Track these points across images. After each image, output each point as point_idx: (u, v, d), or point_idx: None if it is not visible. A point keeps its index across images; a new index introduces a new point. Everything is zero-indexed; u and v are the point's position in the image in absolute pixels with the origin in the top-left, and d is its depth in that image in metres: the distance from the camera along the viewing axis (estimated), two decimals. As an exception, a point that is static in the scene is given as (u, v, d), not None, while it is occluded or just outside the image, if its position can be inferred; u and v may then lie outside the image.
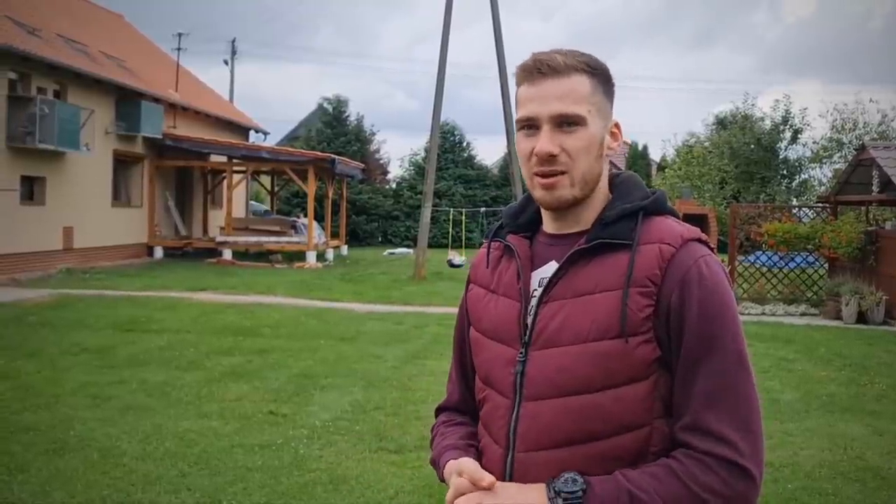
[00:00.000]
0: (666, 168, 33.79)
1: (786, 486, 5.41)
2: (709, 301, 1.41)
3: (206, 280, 18.22)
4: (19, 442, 5.94)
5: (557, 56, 1.49)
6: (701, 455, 1.36)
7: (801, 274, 16.04)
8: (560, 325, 1.46)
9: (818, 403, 7.85)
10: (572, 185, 1.49)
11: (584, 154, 1.49)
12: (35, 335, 10.57)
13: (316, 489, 5.17)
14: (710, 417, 1.37)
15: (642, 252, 1.45)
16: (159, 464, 5.55)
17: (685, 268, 1.43)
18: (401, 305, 14.99)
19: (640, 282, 1.43)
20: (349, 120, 37.74)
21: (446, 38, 20.47)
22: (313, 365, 9.14)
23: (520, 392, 1.49)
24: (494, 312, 1.59)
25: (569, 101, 1.47)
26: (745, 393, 1.41)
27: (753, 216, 16.53)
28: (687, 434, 1.38)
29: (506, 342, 1.54)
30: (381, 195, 37.04)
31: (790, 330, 12.75)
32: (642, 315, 1.41)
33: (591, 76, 1.50)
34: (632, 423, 1.42)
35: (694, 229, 1.50)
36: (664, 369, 1.43)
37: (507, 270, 1.60)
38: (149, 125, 22.98)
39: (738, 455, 1.36)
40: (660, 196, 1.55)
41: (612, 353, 1.41)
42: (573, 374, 1.43)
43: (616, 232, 1.47)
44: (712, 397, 1.38)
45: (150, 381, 8.11)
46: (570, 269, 1.49)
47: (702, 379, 1.40)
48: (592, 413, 1.41)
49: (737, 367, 1.42)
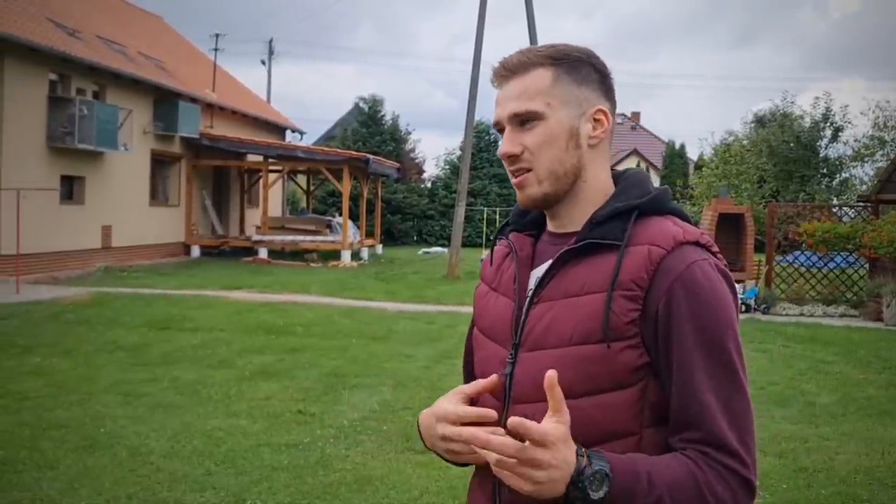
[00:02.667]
0: (703, 167, 33.39)
1: (819, 492, 5.29)
2: (699, 311, 1.35)
3: (241, 279, 18.36)
4: (51, 438, 6.00)
5: (514, 56, 1.48)
6: (719, 467, 1.32)
7: (841, 274, 15.74)
8: (546, 327, 1.42)
9: (856, 407, 7.69)
10: (539, 181, 1.46)
11: (546, 148, 1.45)
12: (71, 333, 10.71)
13: (340, 489, 5.16)
14: (722, 432, 1.32)
15: (630, 254, 1.39)
16: (186, 462, 5.57)
17: (675, 273, 1.36)
18: (433, 305, 14.98)
19: (625, 285, 1.37)
20: (385, 119, 37.84)
21: (480, 37, 20.42)
22: (344, 364, 9.15)
23: (509, 394, 1.46)
24: (493, 311, 1.56)
25: (523, 98, 1.44)
26: (742, 407, 1.36)
27: (792, 215, 16.27)
28: (700, 445, 1.33)
29: (499, 342, 1.52)
30: (417, 194, 37.10)
31: (829, 331, 12.52)
32: (626, 320, 1.35)
33: (553, 67, 1.46)
34: (618, 432, 1.36)
35: (693, 231, 1.43)
36: (654, 376, 1.37)
37: (509, 269, 1.57)
38: (186, 125, 23.25)
39: (748, 472, 1.33)
40: (659, 194, 1.48)
41: (594, 358, 1.36)
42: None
43: (606, 232, 1.42)
44: (717, 412, 1.33)
45: (181, 379, 8.16)
46: (560, 269, 1.45)
47: (701, 392, 1.34)
48: (576, 419, 1.33)
49: (732, 381, 1.36)
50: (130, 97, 21.41)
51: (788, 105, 31.84)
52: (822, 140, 30.63)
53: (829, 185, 30.70)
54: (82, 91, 19.63)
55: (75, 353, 9.33)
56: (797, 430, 6.77)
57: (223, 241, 25.44)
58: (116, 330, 11.00)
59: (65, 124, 18.20)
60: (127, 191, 21.44)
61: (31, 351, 9.32)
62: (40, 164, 18.04)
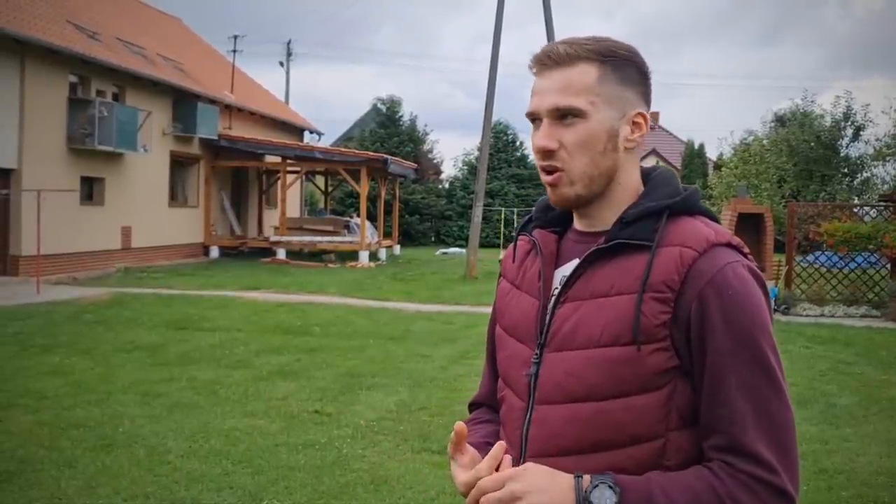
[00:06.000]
0: (722, 167, 33.20)
1: (840, 494, 5.23)
2: (734, 314, 1.31)
3: (259, 279, 18.42)
4: (69, 438, 6.04)
5: (560, 46, 1.42)
6: (743, 476, 1.27)
7: (863, 274, 15.59)
8: (573, 327, 1.39)
9: (878, 408, 7.60)
10: (572, 183, 1.42)
11: (583, 149, 1.40)
12: (91, 333, 10.78)
13: (357, 489, 5.15)
14: (747, 438, 1.28)
15: (661, 255, 1.35)
16: (203, 462, 5.58)
17: (708, 276, 1.32)
18: (451, 305, 14.96)
19: (656, 287, 1.33)
20: (403, 120, 37.85)
21: (498, 39, 20.39)
22: (361, 364, 9.15)
23: (533, 395, 1.43)
24: (516, 309, 1.53)
25: (568, 92, 1.39)
26: (779, 410, 1.31)
27: (812, 215, 16.14)
28: (723, 454, 1.30)
29: (523, 341, 1.49)
30: (434, 195, 37.09)
31: (850, 332, 12.40)
32: (657, 322, 1.32)
33: (599, 64, 1.40)
34: (644, 435, 1.33)
35: (725, 232, 1.40)
36: (683, 379, 1.34)
37: (532, 266, 1.54)
38: (205, 126, 23.36)
39: (778, 478, 1.27)
40: (690, 194, 1.44)
41: (622, 360, 1.33)
42: (581, 380, 1.36)
43: (635, 232, 1.38)
44: (747, 418, 1.29)
45: (199, 378, 8.19)
46: (588, 268, 1.42)
47: (733, 398, 1.30)
48: (601, 421, 1.33)
49: (770, 384, 1.31)
50: (150, 99, 21.55)
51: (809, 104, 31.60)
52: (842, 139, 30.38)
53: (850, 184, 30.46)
54: (102, 93, 19.77)
55: (94, 352, 9.39)
56: (818, 432, 6.70)
57: (242, 241, 25.54)
58: (135, 330, 11.06)
59: (85, 126, 18.33)
60: (146, 192, 21.57)
61: (50, 351, 9.38)
62: (60, 165, 18.18)
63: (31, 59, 17.09)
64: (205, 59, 29.17)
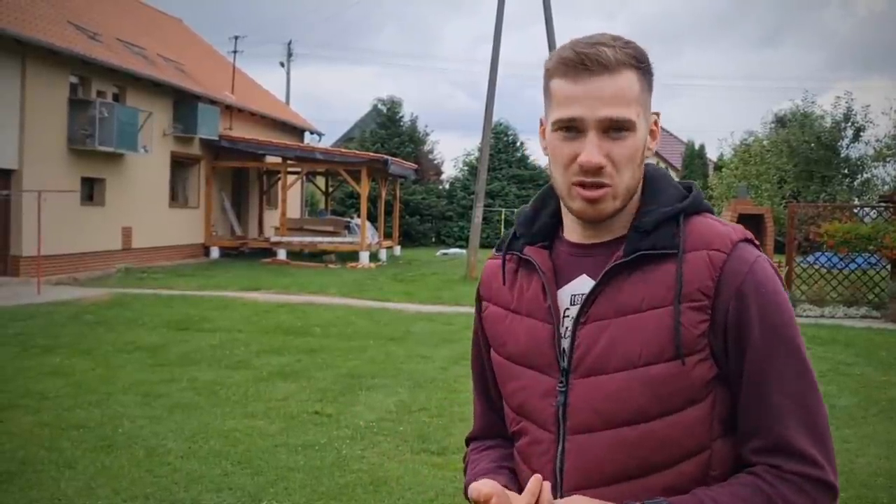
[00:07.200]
0: (723, 168, 33.19)
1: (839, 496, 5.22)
2: (769, 311, 1.30)
3: (260, 280, 18.43)
4: (69, 438, 6.05)
5: (606, 49, 1.31)
6: (792, 476, 1.26)
7: (863, 275, 15.58)
8: (605, 349, 1.33)
9: (877, 409, 7.61)
10: (615, 197, 1.34)
11: (630, 164, 1.33)
12: (91, 333, 10.79)
13: (356, 490, 5.16)
14: (791, 436, 1.27)
15: (689, 261, 1.31)
16: (203, 462, 5.59)
17: (741, 276, 1.30)
18: (451, 306, 14.96)
19: (691, 296, 1.29)
20: (403, 121, 37.85)
21: (498, 40, 20.40)
22: (361, 365, 9.16)
23: (563, 425, 1.36)
24: (522, 335, 1.43)
25: (620, 103, 1.30)
26: (816, 404, 1.31)
27: (812, 216, 16.13)
28: (769, 456, 1.28)
29: (540, 369, 1.40)
30: (435, 195, 37.09)
31: (850, 332, 12.40)
32: (697, 332, 1.29)
33: (638, 71, 1.33)
34: (691, 449, 1.31)
35: (739, 228, 1.37)
36: (722, 385, 1.32)
37: (530, 287, 1.44)
38: (205, 127, 23.38)
39: (824, 473, 1.27)
40: (698, 194, 1.41)
41: (667, 377, 1.29)
42: (625, 403, 1.31)
43: (657, 241, 1.33)
44: (789, 414, 1.28)
45: (199, 379, 8.20)
46: (609, 284, 1.35)
47: (775, 395, 1.29)
48: (650, 443, 1.30)
49: (805, 378, 1.31)
50: (150, 99, 21.56)
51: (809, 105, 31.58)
52: (843, 140, 30.35)
53: (851, 185, 30.42)
54: (102, 93, 19.78)
55: (95, 353, 9.40)
56: (817, 433, 6.69)
57: (242, 242, 25.56)
58: (136, 330, 11.08)
59: (85, 126, 18.34)
60: (147, 192, 21.58)
61: (51, 351, 9.40)
62: (61, 166, 18.20)
63: (31, 60, 17.10)
64: (205, 60, 29.19)
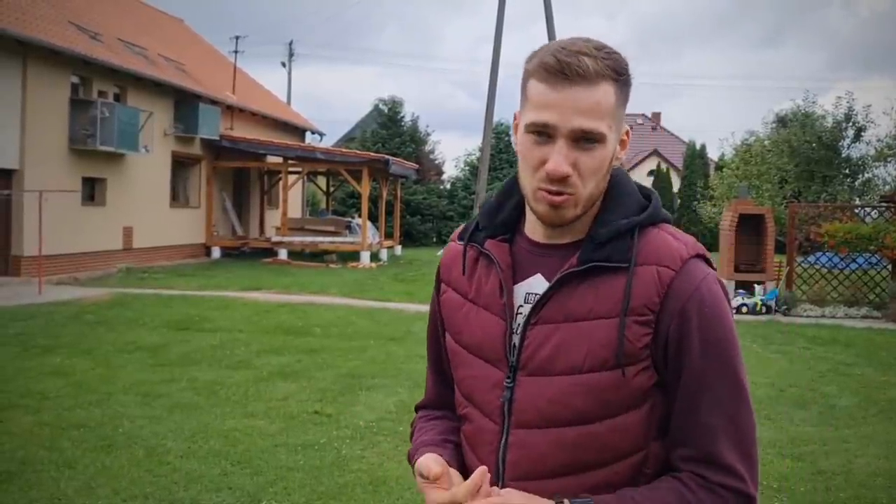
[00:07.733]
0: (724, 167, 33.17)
1: (838, 496, 5.24)
2: (710, 330, 1.34)
3: (261, 280, 18.44)
4: (69, 438, 6.06)
5: (587, 60, 1.30)
6: (715, 486, 1.32)
7: (863, 275, 15.59)
8: (552, 353, 1.37)
9: (877, 409, 7.61)
10: (577, 205, 1.35)
11: (596, 175, 1.35)
12: (92, 333, 10.80)
13: (355, 490, 5.17)
14: (719, 451, 1.33)
15: (639, 275, 1.34)
16: (203, 462, 5.60)
17: (685, 295, 1.33)
18: (452, 306, 14.94)
19: (637, 310, 1.33)
20: (404, 121, 37.86)
21: (499, 41, 20.43)
22: (361, 365, 9.16)
23: (508, 418, 1.41)
24: (477, 327, 1.47)
25: (594, 115, 1.30)
26: (746, 421, 1.36)
27: (813, 216, 16.13)
28: (694, 465, 1.34)
29: (490, 362, 1.44)
30: (436, 195, 37.10)
31: (850, 333, 12.41)
32: (640, 345, 1.33)
33: (616, 84, 1.33)
34: (628, 450, 1.37)
35: (691, 243, 1.39)
36: (660, 391, 1.37)
37: (488, 280, 1.47)
38: (206, 127, 23.38)
39: (745, 485, 1.33)
40: (656, 206, 1.42)
41: (608, 386, 1.34)
42: (567, 406, 1.35)
43: (611, 254, 1.35)
44: (720, 432, 1.33)
45: (199, 379, 8.21)
46: (560, 290, 1.38)
47: (705, 410, 1.34)
48: (588, 444, 1.35)
49: (739, 397, 1.36)
50: (151, 99, 21.56)
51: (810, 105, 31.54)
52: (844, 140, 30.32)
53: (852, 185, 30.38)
54: (104, 93, 19.79)
55: (95, 353, 9.41)
56: (816, 433, 6.71)
57: (243, 242, 25.57)
58: (136, 330, 11.09)
59: (86, 126, 18.35)
60: (148, 192, 21.59)
61: (52, 351, 9.41)
62: (62, 166, 18.21)
63: (32, 60, 17.11)
64: (206, 60, 29.19)
